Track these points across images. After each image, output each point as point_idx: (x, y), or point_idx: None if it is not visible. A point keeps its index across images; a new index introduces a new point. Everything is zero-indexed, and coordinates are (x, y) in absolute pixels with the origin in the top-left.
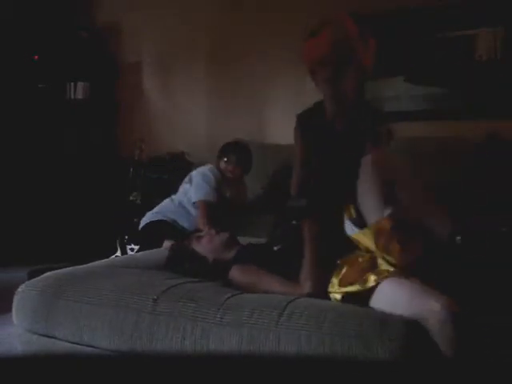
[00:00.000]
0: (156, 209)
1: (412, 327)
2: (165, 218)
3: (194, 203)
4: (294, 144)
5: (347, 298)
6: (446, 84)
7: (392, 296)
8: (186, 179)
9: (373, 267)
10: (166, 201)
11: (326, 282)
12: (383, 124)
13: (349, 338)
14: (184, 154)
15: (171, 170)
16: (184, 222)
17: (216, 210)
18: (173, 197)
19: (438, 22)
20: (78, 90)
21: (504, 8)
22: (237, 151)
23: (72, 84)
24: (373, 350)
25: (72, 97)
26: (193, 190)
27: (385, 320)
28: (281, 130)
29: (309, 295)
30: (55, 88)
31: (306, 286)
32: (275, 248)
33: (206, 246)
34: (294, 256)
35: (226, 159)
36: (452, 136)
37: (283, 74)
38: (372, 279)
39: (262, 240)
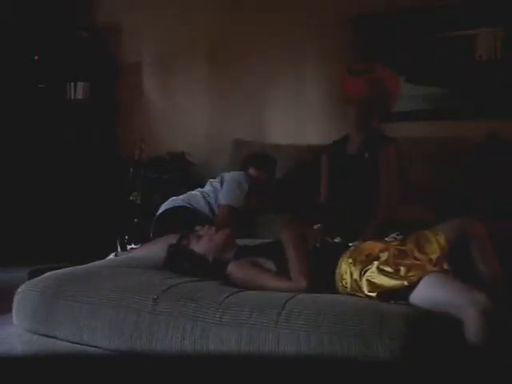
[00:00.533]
0: (182, 196)
1: (412, 326)
2: (188, 205)
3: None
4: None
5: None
6: (446, 84)
7: (436, 289)
8: (217, 179)
9: (403, 257)
10: (195, 193)
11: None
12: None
13: (348, 338)
14: (184, 154)
15: (171, 170)
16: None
17: (239, 215)
18: (203, 191)
19: (438, 22)
20: (78, 90)
21: (504, 8)
22: (268, 161)
23: (72, 84)
24: (373, 350)
25: (72, 97)
26: (223, 192)
27: (384, 319)
28: (281, 130)
29: (305, 290)
30: (55, 88)
31: (301, 281)
32: None
33: (205, 245)
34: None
35: (257, 167)
36: (452, 136)
37: (283, 74)
38: (413, 274)
39: (260, 240)
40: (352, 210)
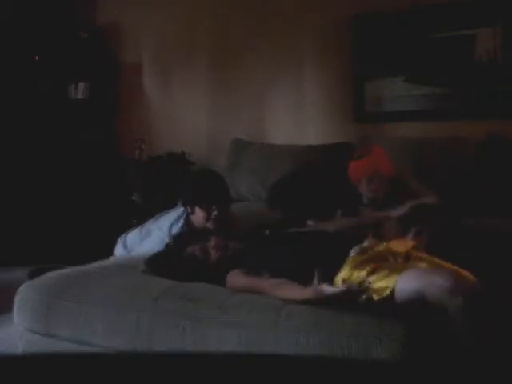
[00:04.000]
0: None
1: (412, 327)
2: None
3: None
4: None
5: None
6: (446, 84)
7: (408, 284)
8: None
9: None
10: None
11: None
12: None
13: (347, 338)
14: (184, 154)
15: (171, 170)
16: None
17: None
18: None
19: (438, 21)
20: (79, 90)
21: (504, 8)
22: (215, 190)
23: (73, 84)
24: (372, 350)
25: (72, 97)
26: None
27: (384, 320)
28: (281, 130)
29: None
30: (56, 88)
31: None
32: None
33: (215, 261)
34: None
35: (200, 206)
36: (452, 136)
37: (283, 74)
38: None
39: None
40: None
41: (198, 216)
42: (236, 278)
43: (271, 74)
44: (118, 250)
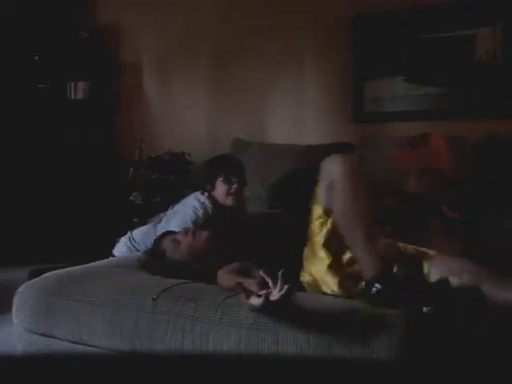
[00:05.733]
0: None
1: (412, 326)
2: None
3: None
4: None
5: None
6: (446, 84)
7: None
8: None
9: None
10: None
11: None
12: None
13: (347, 338)
14: (184, 154)
15: (171, 170)
16: None
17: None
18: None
19: (438, 22)
20: (79, 90)
21: (504, 8)
22: (235, 164)
23: (72, 84)
24: (372, 350)
25: (72, 97)
26: (175, 220)
27: (384, 319)
28: (281, 130)
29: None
30: (55, 88)
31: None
32: None
33: (183, 251)
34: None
35: (222, 179)
36: (452, 136)
37: (283, 74)
38: None
39: None
40: None
41: (219, 190)
42: (223, 277)
43: (271, 73)
44: (119, 249)
